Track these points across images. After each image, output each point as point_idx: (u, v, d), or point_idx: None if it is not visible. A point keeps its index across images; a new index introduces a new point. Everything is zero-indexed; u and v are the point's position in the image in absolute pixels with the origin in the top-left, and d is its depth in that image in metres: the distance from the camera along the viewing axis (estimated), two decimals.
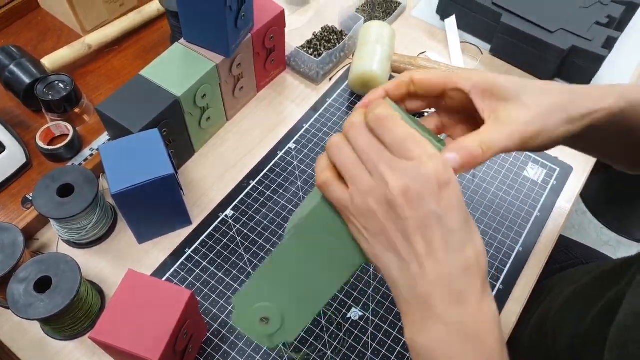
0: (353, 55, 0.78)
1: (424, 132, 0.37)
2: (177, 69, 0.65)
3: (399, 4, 0.89)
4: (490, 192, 0.70)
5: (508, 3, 0.80)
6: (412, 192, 0.33)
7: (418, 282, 0.35)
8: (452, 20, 0.87)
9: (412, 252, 0.34)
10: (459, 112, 0.42)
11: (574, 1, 0.81)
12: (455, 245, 0.34)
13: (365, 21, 0.82)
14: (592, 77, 0.79)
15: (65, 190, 0.58)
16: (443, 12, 0.89)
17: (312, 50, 0.80)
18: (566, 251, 0.82)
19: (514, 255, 0.65)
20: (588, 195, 1.70)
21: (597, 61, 0.76)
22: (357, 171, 0.36)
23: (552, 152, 0.74)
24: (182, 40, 0.68)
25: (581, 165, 0.73)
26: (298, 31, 0.82)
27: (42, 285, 0.51)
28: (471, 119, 0.41)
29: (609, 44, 0.77)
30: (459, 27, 0.87)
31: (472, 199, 0.69)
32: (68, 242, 0.63)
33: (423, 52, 0.84)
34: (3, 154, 0.66)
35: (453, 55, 0.84)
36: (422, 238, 0.34)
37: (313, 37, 0.82)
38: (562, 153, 0.74)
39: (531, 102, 0.38)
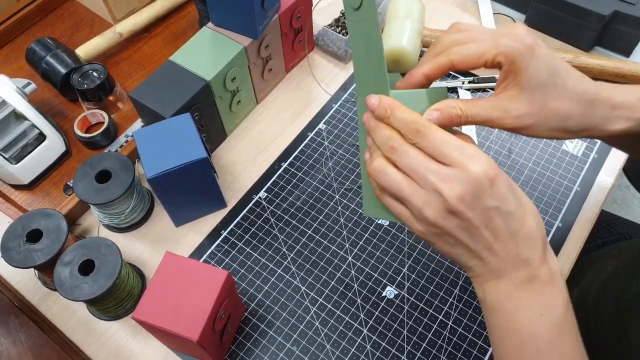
0: (382, 32, 0.77)
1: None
2: (206, 53, 0.65)
3: None
4: (528, 167, 0.68)
5: None
6: (467, 196, 0.35)
7: (490, 261, 0.38)
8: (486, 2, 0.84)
9: (480, 243, 0.37)
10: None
11: None
12: (516, 225, 0.37)
13: None
14: (636, 44, 0.75)
15: (104, 177, 0.60)
16: None
17: (340, 28, 0.79)
18: (608, 227, 0.79)
19: (553, 231, 0.63)
20: (631, 169, 1.63)
21: None
22: (409, 190, 0.37)
23: None
24: (209, 24, 0.68)
25: None
26: (325, 9, 0.81)
27: (86, 268, 0.53)
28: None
29: None
30: None
31: (508, 174, 0.67)
32: (108, 227, 0.65)
33: None
34: (44, 143, 0.68)
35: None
36: (487, 229, 0.36)
37: (341, 14, 0.81)
38: None
39: (538, 102, 0.39)
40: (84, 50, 0.78)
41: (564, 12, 0.75)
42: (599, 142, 0.70)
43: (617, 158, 0.68)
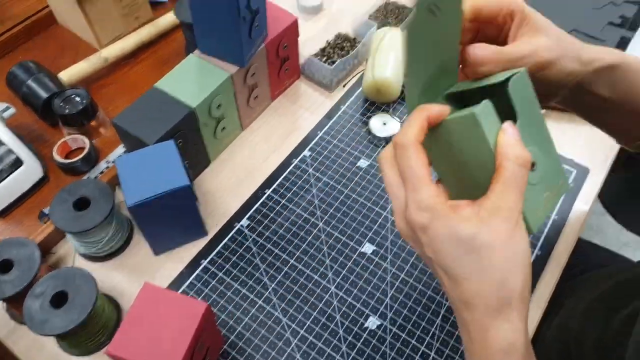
0: (366, 62, 0.78)
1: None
2: (192, 80, 0.65)
3: (411, 9, 0.88)
4: None
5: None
6: (406, 233, 0.38)
7: (449, 301, 0.38)
8: None
9: (433, 272, 0.38)
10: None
11: (587, 2, 0.80)
12: (452, 281, 0.36)
13: (378, 28, 0.82)
14: None
15: (82, 204, 0.58)
16: None
17: (325, 58, 0.80)
18: (586, 254, 0.80)
19: (532, 259, 0.63)
20: (607, 196, 1.66)
21: None
22: (394, 189, 0.38)
23: (568, 154, 0.72)
24: (196, 52, 0.68)
25: (598, 166, 0.71)
26: (311, 39, 0.81)
27: (59, 300, 0.51)
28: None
29: (623, 43, 0.76)
30: None
31: None
32: (84, 256, 0.64)
33: None
34: (20, 169, 0.67)
35: None
36: (433, 268, 0.38)
37: (326, 44, 0.82)
38: (578, 155, 0.72)
39: (554, 35, 0.42)
40: (67, 75, 0.77)
41: None
42: (575, 170, 0.70)
43: (592, 186, 0.70)
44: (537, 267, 0.63)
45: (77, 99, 0.71)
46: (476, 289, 0.35)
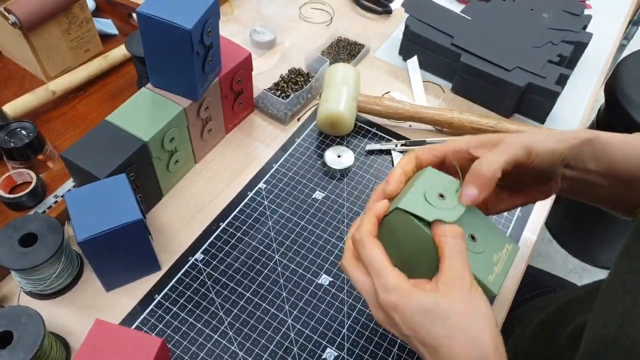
0: (320, 97, 0.80)
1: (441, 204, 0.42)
2: (144, 113, 0.65)
3: (363, 46, 0.92)
4: None
5: (467, 44, 0.84)
6: (383, 320, 0.42)
7: None
8: (414, 61, 0.90)
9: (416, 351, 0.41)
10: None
11: (528, 41, 0.86)
12: (431, 351, 0.39)
13: (331, 63, 0.84)
14: (549, 112, 0.82)
15: (29, 240, 0.56)
16: (405, 54, 0.92)
17: (279, 92, 0.82)
18: (534, 281, 0.83)
19: None
20: (553, 224, 1.74)
21: (552, 97, 0.80)
22: (361, 285, 0.43)
23: None
24: (148, 85, 0.68)
25: None
26: (265, 74, 0.83)
27: (3, 340, 0.49)
28: None
29: (562, 80, 0.81)
30: (421, 67, 0.90)
31: None
32: (30, 294, 0.61)
33: (387, 92, 0.87)
34: None
35: (416, 94, 0.87)
36: (417, 344, 0.40)
37: (280, 79, 0.84)
38: None
39: (515, 136, 0.45)
40: (12, 108, 0.75)
41: (486, 82, 0.82)
42: None
43: (539, 215, 0.73)
44: (488, 296, 0.64)
45: (23, 132, 0.69)
46: (452, 354, 0.38)
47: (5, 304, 0.61)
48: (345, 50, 0.91)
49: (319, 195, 0.73)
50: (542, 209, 0.74)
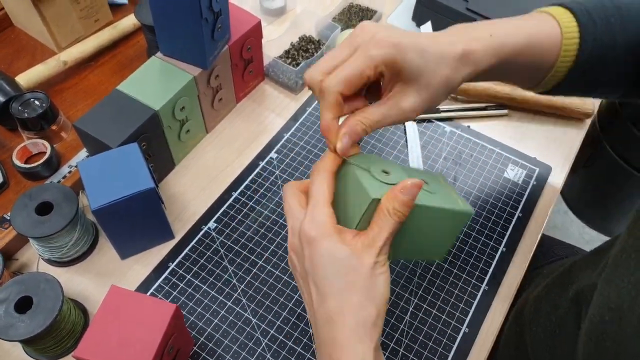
0: None
1: (370, 176, 0.42)
2: (154, 82, 0.65)
3: (375, 11, 0.90)
4: (472, 194, 0.71)
5: (482, 8, 0.82)
6: (294, 247, 0.42)
7: (314, 320, 0.41)
8: (428, 27, 0.88)
9: (304, 295, 0.42)
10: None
11: (545, 2, 0.83)
12: (320, 299, 0.40)
13: (342, 30, 0.83)
14: None
15: (44, 209, 0.57)
16: (419, 19, 0.90)
17: (290, 60, 0.81)
18: (549, 250, 0.83)
19: (497, 255, 0.65)
20: (569, 195, 1.72)
21: None
22: (294, 212, 0.43)
23: (530, 152, 0.75)
24: (158, 54, 0.68)
25: (559, 165, 0.74)
26: (275, 41, 0.82)
27: (23, 305, 0.50)
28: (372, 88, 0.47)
29: None
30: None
31: None
32: (49, 261, 0.62)
33: None
34: None
35: None
36: (304, 287, 0.42)
37: (291, 47, 0.83)
38: (541, 154, 0.75)
39: (425, 85, 0.43)
40: (25, 79, 0.75)
41: None
42: (537, 169, 0.73)
43: (555, 184, 0.72)
44: (503, 264, 0.65)
45: (37, 102, 0.70)
46: (339, 306, 0.39)
47: (24, 271, 0.62)
48: (357, 16, 0.89)
49: None
50: (558, 176, 0.73)
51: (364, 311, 0.39)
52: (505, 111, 0.79)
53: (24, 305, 0.50)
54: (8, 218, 0.64)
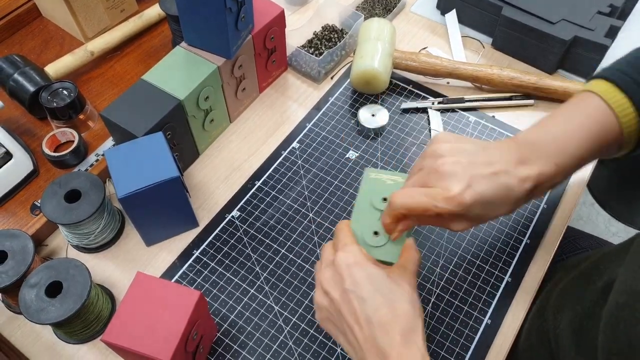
0: (354, 54, 0.78)
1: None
2: (179, 72, 0.66)
3: (399, 0, 0.89)
4: None
5: None
6: (330, 278, 0.46)
7: (355, 346, 0.44)
8: (452, 15, 0.87)
9: (345, 323, 0.44)
10: None
11: None
12: (370, 311, 0.43)
13: (365, 19, 0.82)
14: (594, 68, 0.78)
15: (73, 196, 0.59)
16: (443, 7, 0.88)
17: (313, 49, 0.80)
18: (574, 242, 0.81)
19: (521, 247, 0.64)
20: (595, 187, 1.69)
21: (600, 51, 0.76)
22: (326, 254, 0.49)
23: None
24: (183, 44, 0.68)
25: None
26: (298, 31, 0.82)
27: (53, 290, 0.52)
28: None
29: (612, 33, 0.76)
30: (460, 21, 0.87)
31: None
32: (77, 247, 0.64)
33: (424, 48, 0.84)
34: (10, 162, 0.67)
35: (454, 50, 0.84)
36: (348, 311, 0.44)
37: (314, 36, 0.82)
38: None
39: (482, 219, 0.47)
40: (53, 69, 0.77)
41: (529, 36, 0.78)
42: None
43: (581, 175, 0.71)
44: (527, 256, 0.64)
45: (65, 92, 0.71)
46: (391, 314, 0.43)
47: (54, 257, 0.64)
48: (381, 5, 0.88)
49: (352, 154, 0.73)
50: (584, 168, 0.71)
51: (408, 319, 0.43)
52: (532, 101, 0.77)
53: (54, 289, 0.52)
54: (38, 205, 0.66)
